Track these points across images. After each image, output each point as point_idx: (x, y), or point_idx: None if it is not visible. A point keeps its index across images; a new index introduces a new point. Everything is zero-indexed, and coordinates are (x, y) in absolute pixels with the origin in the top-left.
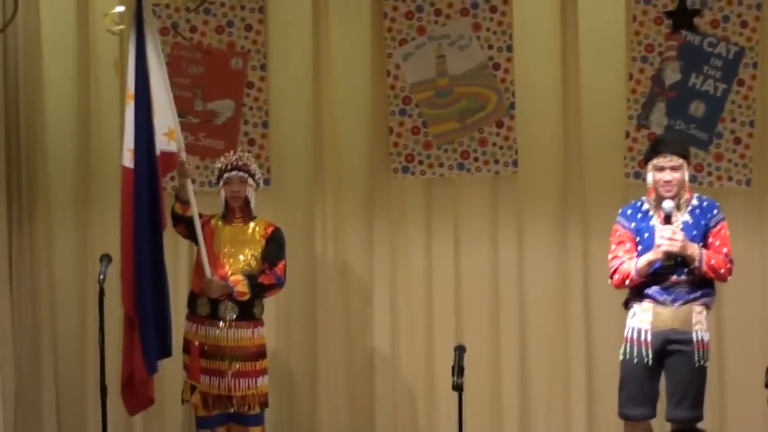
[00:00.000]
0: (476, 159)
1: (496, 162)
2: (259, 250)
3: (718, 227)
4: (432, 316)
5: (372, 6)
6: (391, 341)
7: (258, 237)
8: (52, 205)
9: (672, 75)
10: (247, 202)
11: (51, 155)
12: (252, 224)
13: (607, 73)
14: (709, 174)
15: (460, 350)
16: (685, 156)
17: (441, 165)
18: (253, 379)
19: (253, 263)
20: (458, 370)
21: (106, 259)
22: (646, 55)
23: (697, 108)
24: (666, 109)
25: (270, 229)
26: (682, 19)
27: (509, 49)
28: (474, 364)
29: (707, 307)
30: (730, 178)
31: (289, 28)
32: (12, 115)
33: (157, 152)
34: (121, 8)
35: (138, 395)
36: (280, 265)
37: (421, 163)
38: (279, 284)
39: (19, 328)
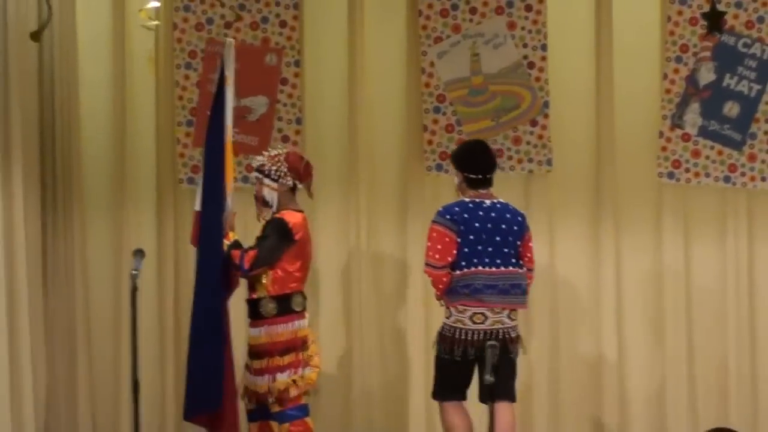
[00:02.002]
0: (510, 157)
1: (530, 160)
2: None
3: None
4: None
5: (407, 3)
6: (425, 338)
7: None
8: (87, 202)
9: (706, 75)
10: (263, 200)
11: (86, 152)
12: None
13: (641, 73)
14: (743, 175)
15: (492, 348)
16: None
17: None
18: (270, 376)
19: None
20: (491, 368)
21: (139, 254)
22: (680, 55)
23: (731, 108)
24: (700, 109)
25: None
26: (717, 21)
27: (544, 48)
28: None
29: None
30: (764, 179)
31: (324, 25)
32: (48, 113)
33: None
34: (156, 3)
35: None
36: (251, 253)
37: None
38: (238, 268)
39: (53, 324)
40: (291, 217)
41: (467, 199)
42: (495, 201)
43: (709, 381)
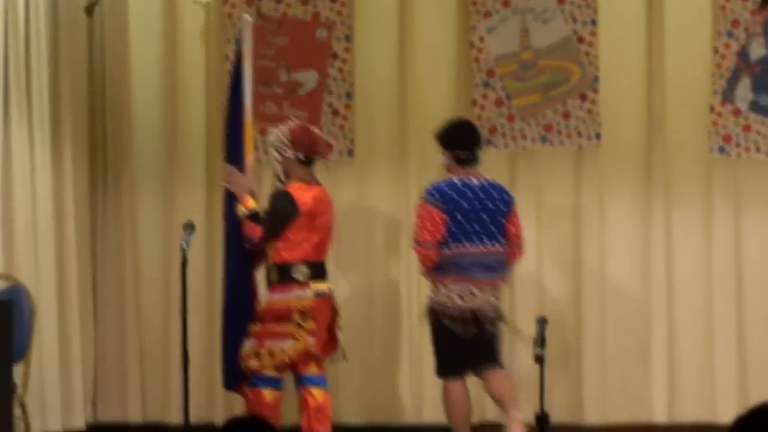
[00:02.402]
0: (559, 132)
1: (579, 135)
2: None
3: None
4: (513, 288)
5: None
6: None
7: None
8: (137, 176)
9: (758, 50)
10: (278, 175)
11: (136, 127)
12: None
13: (692, 48)
14: None
15: (542, 322)
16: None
17: (524, 137)
18: (257, 341)
19: None
20: (540, 341)
21: (189, 227)
22: (731, 30)
23: None
24: (751, 84)
25: None
26: None
27: (594, 22)
28: (555, 335)
29: None
30: None
31: (375, 0)
32: (98, 88)
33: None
34: None
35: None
36: (258, 228)
37: (504, 135)
38: (249, 241)
39: (103, 296)
40: (297, 189)
41: (456, 178)
42: (483, 179)
43: (760, 354)
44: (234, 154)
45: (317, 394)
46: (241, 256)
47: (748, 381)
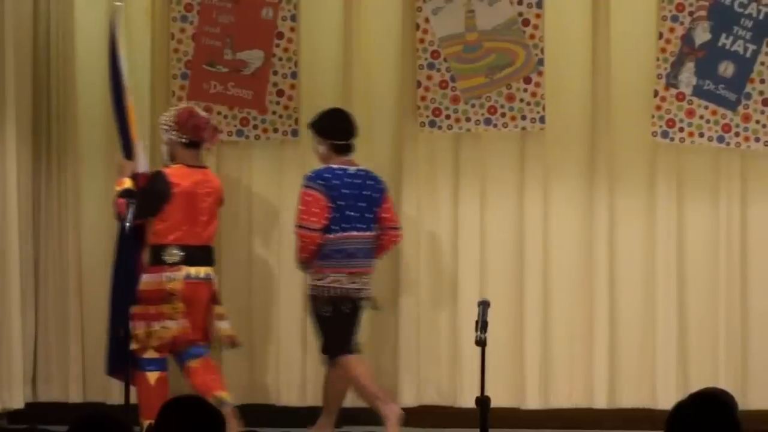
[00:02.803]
0: (503, 114)
1: (524, 118)
2: None
3: None
4: (457, 270)
5: None
6: (415, 297)
7: None
8: (81, 154)
9: (702, 35)
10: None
11: (81, 103)
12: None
13: (637, 32)
14: (737, 135)
15: (484, 305)
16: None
17: (468, 120)
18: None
19: None
20: (482, 325)
21: (132, 204)
22: (676, 14)
23: (726, 68)
24: (695, 68)
25: None
26: None
27: (539, 5)
28: (497, 319)
29: None
30: (757, 140)
31: None
32: (43, 63)
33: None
34: None
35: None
36: (125, 206)
37: (448, 117)
38: (122, 218)
39: (45, 277)
40: (174, 171)
41: (335, 166)
42: (358, 168)
43: (700, 341)
44: (124, 139)
45: (199, 360)
46: (128, 241)
47: (689, 367)
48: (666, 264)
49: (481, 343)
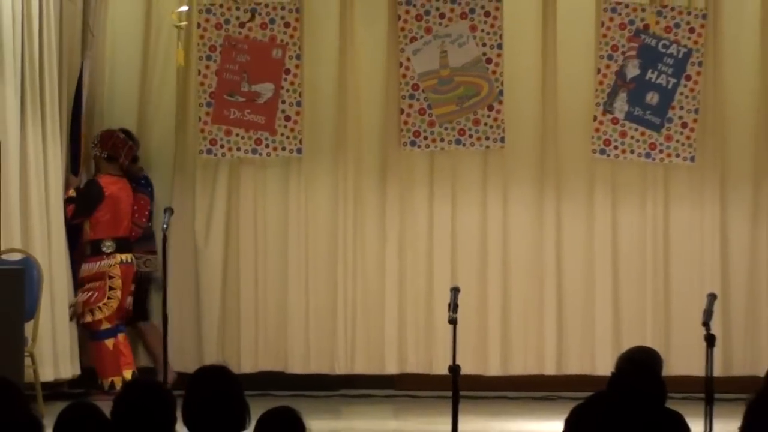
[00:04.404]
0: (471, 136)
1: (487, 138)
2: None
3: None
4: (432, 263)
5: (389, 9)
6: (399, 283)
7: None
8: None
9: (632, 70)
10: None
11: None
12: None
13: (580, 68)
14: (661, 152)
15: (455, 291)
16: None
17: (442, 140)
18: (80, 302)
19: None
20: (453, 307)
21: (168, 211)
22: (611, 53)
23: (652, 97)
24: (627, 98)
25: None
26: None
27: (500, 46)
28: (466, 302)
29: None
30: (677, 155)
31: (321, 26)
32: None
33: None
34: (185, 7)
35: None
36: (71, 207)
37: (426, 138)
38: (66, 218)
39: None
40: (103, 180)
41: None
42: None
43: (631, 319)
44: (74, 159)
45: (109, 342)
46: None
47: (622, 340)
48: (603, 256)
49: (453, 321)
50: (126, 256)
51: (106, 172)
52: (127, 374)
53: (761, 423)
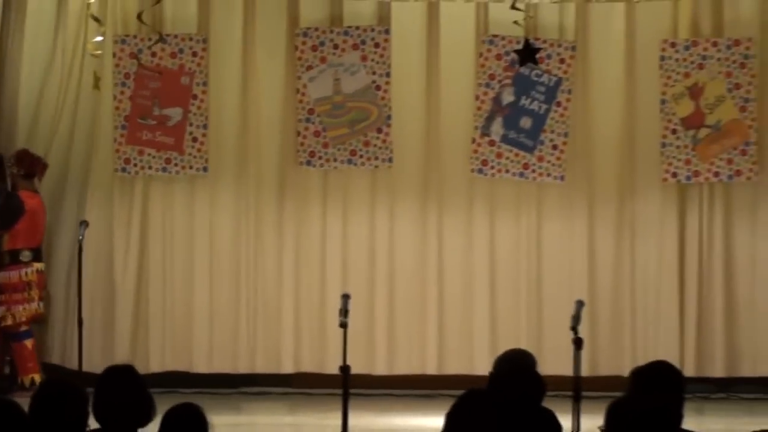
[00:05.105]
0: (361, 156)
1: (376, 158)
2: None
3: None
4: (325, 272)
5: (287, 40)
6: (295, 290)
7: None
8: (47, 182)
9: (507, 97)
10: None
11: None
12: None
13: (460, 94)
14: (534, 172)
15: (345, 297)
16: None
17: (335, 160)
18: (3, 307)
19: None
20: (344, 312)
21: (84, 223)
22: (489, 81)
23: (526, 122)
24: (502, 122)
25: None
26: (527, 55)
27: (388, 75)
28: (355, 308)
29: None
30: (549, 175)
31: (225, 55)
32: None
33: None
34: (100, 38)
35: None
36: None
37: (320, 158)
38: None
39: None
40: (23, 195)
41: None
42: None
43: (507, 322)
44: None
45: (30, 343)
46: None
47: (498, 343)
48: (481, 266)
49: (344, 325)
50: (40, 265)
51: (24, 188)
52: (37, 375)
53: (620, 423)
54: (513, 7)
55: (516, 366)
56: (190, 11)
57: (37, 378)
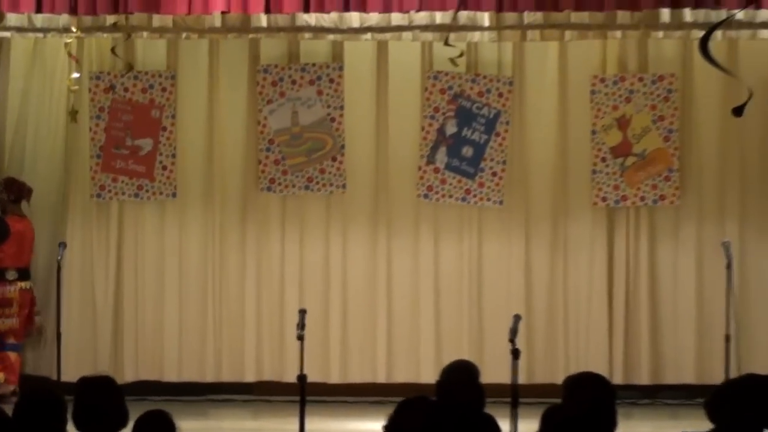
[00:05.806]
0: (317, 182)
1: (331, 185)
2: None
3: None
4: (284, 289)
5: (249, 76)
6: (256, 305)
7: None
8: (34, 207)
9: (451, 128)
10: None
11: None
12: None
13: (407, 126)
14: (475, 196)
15: (302, 312)
16: None
17: (293, 186)
18: None
19: None
20: (301, 325)
21: (62, 245)
22: (433, 114)
23: (467, 151)
24: (446, 151)
25: None
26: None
27: (342, 107)
28: (311, 322)
29: None
30: (489, 199)
31: (192, 90)
32: None
33: None
34: (77, 74)
35: None
36: None
37: (279, 184)
38: None
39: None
40: (11, 219)
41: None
42: None
43: (450, 335)
44: None
45: (13, 356)
46: None
47: (442, 355)
48: (426, 283)
49: (300, 338)
50: (25, 284)
51: (12, 212)
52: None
53: (553, 427)
54: (446, 44)
55: (460, 375)
56: (160, 50)
57: (14, 389)
